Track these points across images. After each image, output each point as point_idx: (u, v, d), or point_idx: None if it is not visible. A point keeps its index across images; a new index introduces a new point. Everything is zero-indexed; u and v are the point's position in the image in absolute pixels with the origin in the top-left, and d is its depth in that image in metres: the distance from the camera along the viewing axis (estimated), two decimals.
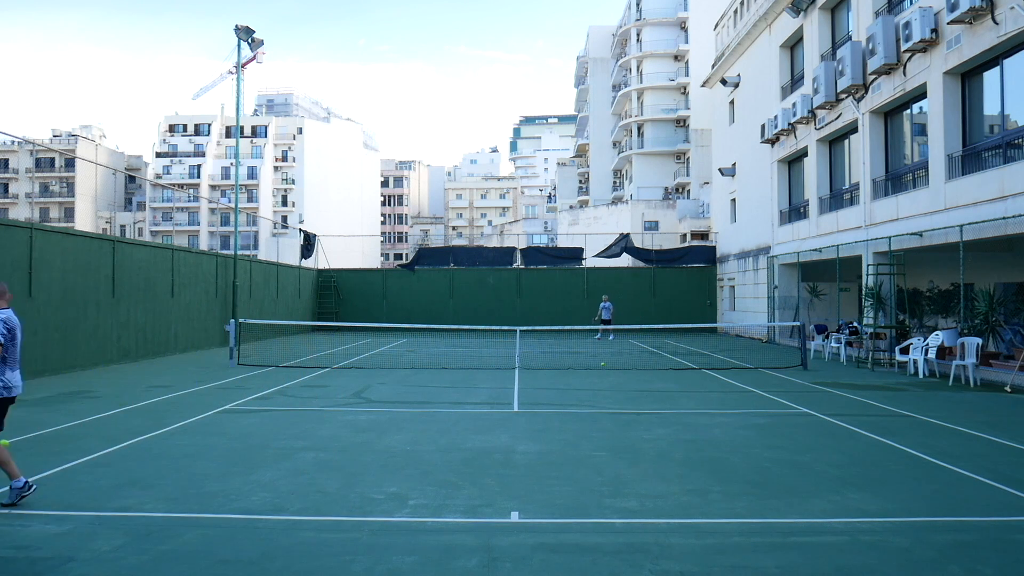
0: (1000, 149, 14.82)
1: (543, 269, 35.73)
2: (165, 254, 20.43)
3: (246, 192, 76.41)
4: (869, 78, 18.94)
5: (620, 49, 60.26)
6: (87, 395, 12.12)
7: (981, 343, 14.09)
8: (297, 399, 11.83)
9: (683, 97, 53.52)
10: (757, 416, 10.29)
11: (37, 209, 79.15)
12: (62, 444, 8.10)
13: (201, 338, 22.20)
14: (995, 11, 14.05)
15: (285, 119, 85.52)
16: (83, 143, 79.74)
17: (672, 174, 54.15)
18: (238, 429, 9.17)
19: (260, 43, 24.60)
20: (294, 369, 16.36)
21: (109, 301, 17.26)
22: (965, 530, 5.30)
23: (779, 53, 26.10)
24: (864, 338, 18.28)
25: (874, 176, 19.62)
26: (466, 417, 10.20)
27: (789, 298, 25.49)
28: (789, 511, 5.75)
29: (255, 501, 5.96)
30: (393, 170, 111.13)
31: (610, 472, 6.96)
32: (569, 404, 11.43)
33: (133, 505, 5.81)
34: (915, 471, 7.05)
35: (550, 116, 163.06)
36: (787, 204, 26.34)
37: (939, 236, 15.99)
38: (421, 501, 5.97)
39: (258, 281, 26.92)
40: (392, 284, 35.26)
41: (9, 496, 5.74)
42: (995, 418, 10.08)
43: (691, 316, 32.19)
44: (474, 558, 4.69)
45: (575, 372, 16.10)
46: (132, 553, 4.74)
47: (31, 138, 68.67)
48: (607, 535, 5.17)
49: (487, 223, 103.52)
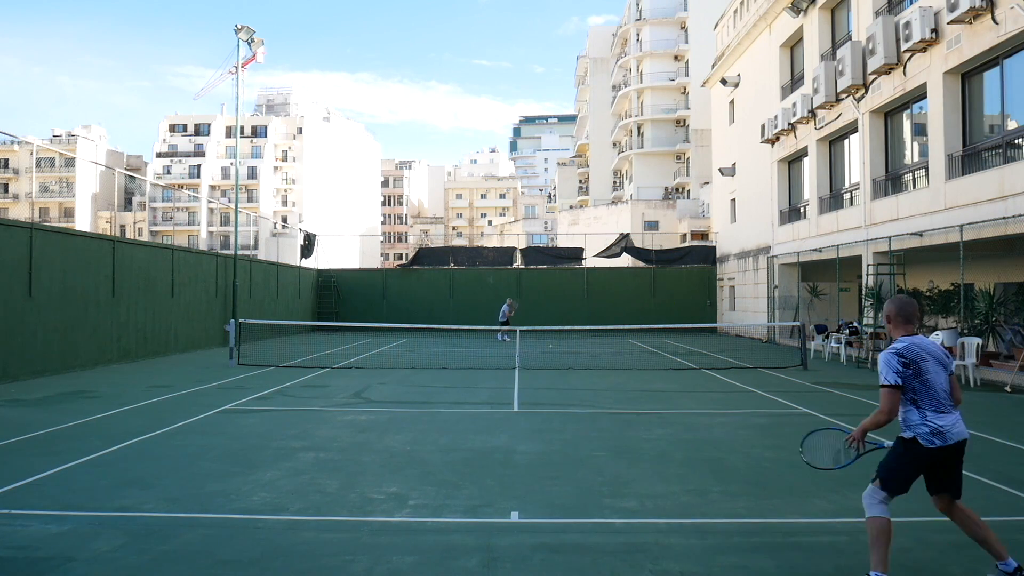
0: (1000, 149, 14.82)
1: (543, 269, 35.73)
2: (165, 254, 20.43)
3: (246, 192, 76.40)
4: (869, 78, 18.93)
5: (620, 49, 60.26)
6: (87, 395, 12.12)
7: (981, 343, 14.09)
8: (297, 399, 11.83)
9: (683, 97, 53.51)
10: (757, 416, 10.28)
11: (37, 209, 79.14)
12: (62, 444, 8.09)
13: (201, 338, 22.20)
14: (995, 11, 14.04)
15: (285, 119, 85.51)
16: (83, 143, 79.72)
17: (672, 174, 54.14)
18: (238, 429, 9.17)
19: (260, 43, 24.58)
20: (294, 369, 16.36)
21: (109, 301, 17.25)
22: None
23: (779, 53, 26.09)
24: (864, 338, 18.28)
25: (874, 176, 19.62)
26: (466, 417, 10.20)
27: (789, 298, 25.48)
28: (789, 511, 5.74)
29: (255, 501, 5.95)
30: (393, 170, 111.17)
31: (610, 472, 6.96)
32: (569, 404, 11.42)
33: (133, 505, 5.81)
34: None
35: (550, 116, 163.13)
36: (787, 204, 26.34)
37: (939, 236, 15.98)
38: (421, 501, 5.97)
39: (258, 281, 26.91)
40: (392, 284, 35.25)
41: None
42: (995, 418, 10.08)
43: (691, 316, 32.17)
44: (474, 558, 4.68)
45: (575, 372, 16.10)
46: (132, 553, 4.74)
47: (31, 138, 68.58)
48: (607, 535, 5.17)
49: (487, 223, 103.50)
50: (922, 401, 4.08)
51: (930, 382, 4.09)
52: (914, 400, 4.10)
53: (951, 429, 4.06)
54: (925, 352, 4.13)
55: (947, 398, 4.11)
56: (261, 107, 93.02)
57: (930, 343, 4.18)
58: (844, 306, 23.37)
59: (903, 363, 4.08)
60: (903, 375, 4.07)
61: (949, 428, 4.06)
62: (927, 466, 4.13)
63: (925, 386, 4.08)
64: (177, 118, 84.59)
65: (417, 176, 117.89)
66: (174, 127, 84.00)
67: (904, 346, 4.12)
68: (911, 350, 4.11)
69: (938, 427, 4.05)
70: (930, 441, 4.05)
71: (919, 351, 4.10)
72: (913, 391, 4.09)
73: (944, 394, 4.10)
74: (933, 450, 4.06)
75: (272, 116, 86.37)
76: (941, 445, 4.05)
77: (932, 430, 4.05)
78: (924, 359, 4.09)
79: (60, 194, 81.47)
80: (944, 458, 4.11)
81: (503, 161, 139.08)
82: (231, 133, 79.80)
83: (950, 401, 4.12)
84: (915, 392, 4.09)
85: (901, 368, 4.07)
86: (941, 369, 4.13)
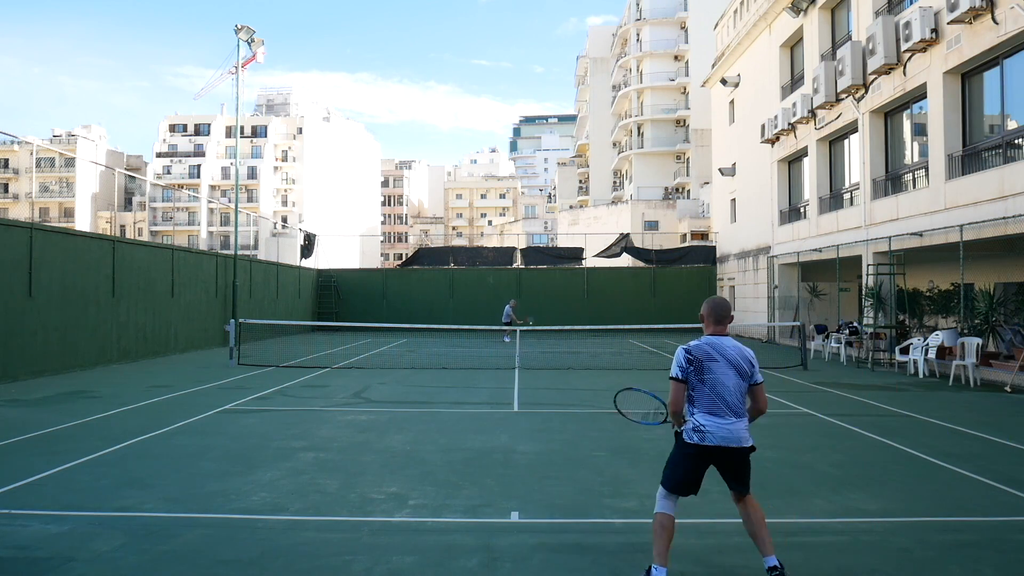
0: (1000, 149, 14.82)
1: (543, 269, 35.72)
2: (165, 254, 20.43)
3: (246, 192, 76.40)
4: (869, 78, 18.93)
5: (620, 49, 60.26)
6: (87, 395, 12.12)
7: (981, 343, 14.09)
8: (297, 399, 11.83)
9: (683, 97, 53.52)
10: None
11: (37, 209, 79.15)
12: (62, 444, 8.09)
13: (201, 338, 22.20)
14: (995, 11, 14.04)
15: (285, 119, 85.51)
16: (83, 143, 79.71)
17: (672, 174, 54.15)
18: (238, 429, 9.17)
19: (260, 43, 24.58)
20: (294, 369, 16.36)
21: (109, 301, 17.25)
22: (965, 530, 5.30)
23: (779, 53, 26.10)
24: (864, 338, 18.27)
25: (874, 176, 19.62)
26: (466, 417, 10.20)
27: (789, 298, 25.48)
28: (789, 511, 5.74)
29: (255, 501, 5.95)
30: (393, 170, 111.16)
31: (610, 472, 6.96)
32: (569, 404, 11.42)
33: (133, 505, 5.81)
34: (915, 471, 7.05)
35: (550, 116, 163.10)
36: (787, 204, 26.34)
37: (939, 236, 15.98)
38: (421, 501, 5.97)
39: (258, 281, 26.91)
40: (392, 284, 35.25)
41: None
42: (995, 418, 10.08)
43: (691, 316, 32.03)
44: (474, 558, 4.68)
45: (575, 372, 16.10)
46: (132, 553, 4.74)
47: (31, 138, 68.59)
48: (607, 535, 5.17)
49: (487, 223, 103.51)
50: (696, 399, 4.16)
51: (709, 382, 4.12)
52: (690, 397, 4.19)
53: (715, 432, 4.08)
54: (717, 353, 4.16)
55: (733, 402, 4.11)
56: (261, 107, 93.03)
57: (732, 347, 4.20)
58: (844, 306, 23.36)
59: (688, 359, 4.17)
60: (685, 371, 4.17)
61: (713, 431, 4.08)
62: (701, 463, 4.17)
63: (703, 384, 4.13)
64: (177, 118, 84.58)
65: (417, 176, 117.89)
66: (174, 127, 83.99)
67: (696, 344, 4.20)
68: (701, 348, 4.18)
69: (700, 425, 4.10)
70: (690, 436, 4.14)
71: (710, 351, 4.16)
72: (691, 388, 4.18)
73: (730, 397, 4.11)
74: (692, 446, 4.12)
75: (272, 116, 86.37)
76: (699, 443, 4.10)
77: (694, 427, 4.13)
78: (713, 359, 4.13)
79: (60, 194, 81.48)
80: (713, 458, 4.15)
81: (503, 161, 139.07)
82: (231, 133, 79.81)
83: (738, 406, 4.13)
84: (692, 389, 4.17)
85: (685, 364, 4.17)
86: (732, 372, 4.14)
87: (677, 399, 4.18)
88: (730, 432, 4.08)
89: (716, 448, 4.10)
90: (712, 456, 4.14)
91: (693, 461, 4.16)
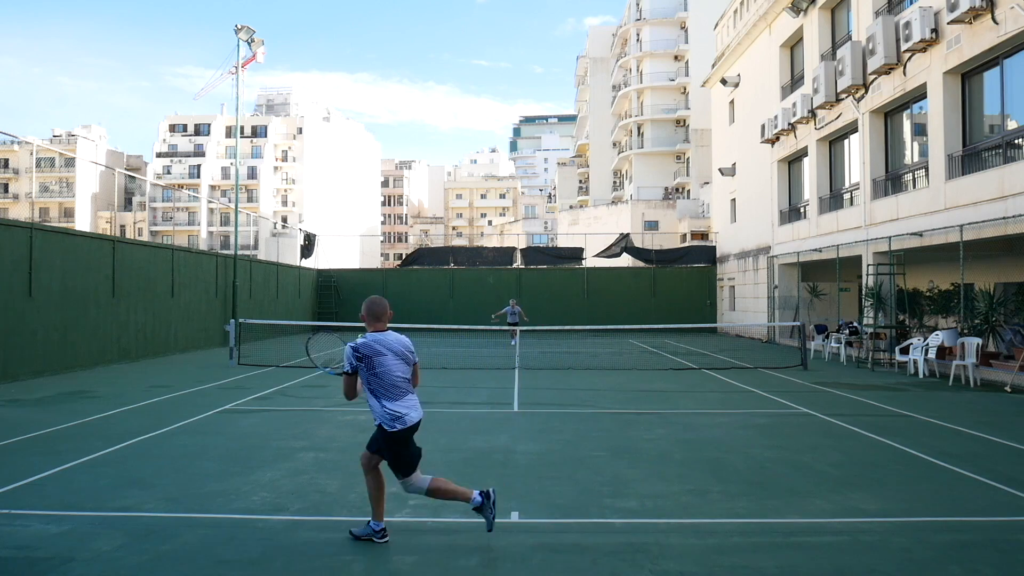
0: (1000, 149, 14.82)
1: (543, 269, 35.73)
2: (165, 254, 20.43)
3: (246, 192, 76.38)
4: (869, 78, 18.93)
5: (620, 49, 60.26)
6: (87, 395, 12.12)
7: (981, 343, 14.09)
8: (297, 399, 11.83)
9: (683, 97, 53.52)
10: (757, 416, 10.29)
11: (37, 209, 79.14)
12: (62, 444, 8.09)
13: (201, 338, 22.20)
14: (995, 11, 14.05)
15: (285, 119, 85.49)
16: (83, 143, 79.71)
17: (672, 174, 54.15)
18: (238, 429, 9.17)
19: (260, 43, 24.58)
20: (294, 369, 16.36)
21: (109, 301, 17.26)
22: (965, 530, 5.30)
23: (779, 53, 26.10)
24: (864, 338, 18.28)
25: (874, 176, 19.62)
26: (466, 417, 10.20)
27: (789, 298, 25.49)
28: (789, 511, 5.74)
29: (255, 501, 5.96)
30: (393, 170, 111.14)
31: (610, 472, 6.96)
32: (569, 404, 11.42)
33: (133, 505, 5.81)
34: (915, 471, 7.05)
35: (550, 116, 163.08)
36: (787, 204, 26.34)
37: (939, 236, 15.99)
38: (421, 501, 5.96)
39: (258, 281, 26.92)
40: (392, 284, 35.25)
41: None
42: (995, 418, 10.08)
43: (691, 316, 32.18)
44: (474, 558, 4.69)
45: (575, 372, 16.10)
46: (132, 553, 4.74)
47: (31, 138, 68.56)
48: (607, 535, 5.17)
49: (487, 223, 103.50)
50: (379, 391, 4.71)
51: (382, 374, 4.70)
52: (372, 391, 4.73)
53: (408, 413, 4.75)
54: (384, 347, 4.75)
55: (404, 385, 4.78)
56: (261, 107, 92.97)
57: (394, 340, 4.81)
58: (844, 306, 23.37)
59: (357, 357, 4.71)
60: (355, 366, 4.73)
61: (407, 412, 4.74)
62: (411, 437, 4.79)
63: (378, 378, 4.70)
64: (177, 118, 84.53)
65: (417, 176, 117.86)
66: (174, 127, 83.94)
67: (362, 342, 4.73)
68: (368, 346, 4.72)
69: (396, 413, 4.69)
70: (391, 425, 4.69)
71: (376, 347, 4.72)
72: (369, 383, 4.73)
73: (401, 382, 4.76)
74: (396, 432, 4.70)
75: (272, 116, 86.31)
76: (402, 428, 4.71)
77: (392, 416, 4.69)
78: (380, 354, 4.71)
79: (60, 194, 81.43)
80: (406, 437, 4.76)
81: (503, 161, 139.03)
82: (231, 133, 79.79)
83: (408, 387, 4.82)
84: (371, 384, 4.73)
85: (355, 361, 4.72)
86: (400, 362, 4.78)
87: (347, 390, 4.80)
88: (416, 407, 4.82)
89: (417, 423, 4.79)
90: (407, 434, 4.76)
91: (408, 441, 4.77)
